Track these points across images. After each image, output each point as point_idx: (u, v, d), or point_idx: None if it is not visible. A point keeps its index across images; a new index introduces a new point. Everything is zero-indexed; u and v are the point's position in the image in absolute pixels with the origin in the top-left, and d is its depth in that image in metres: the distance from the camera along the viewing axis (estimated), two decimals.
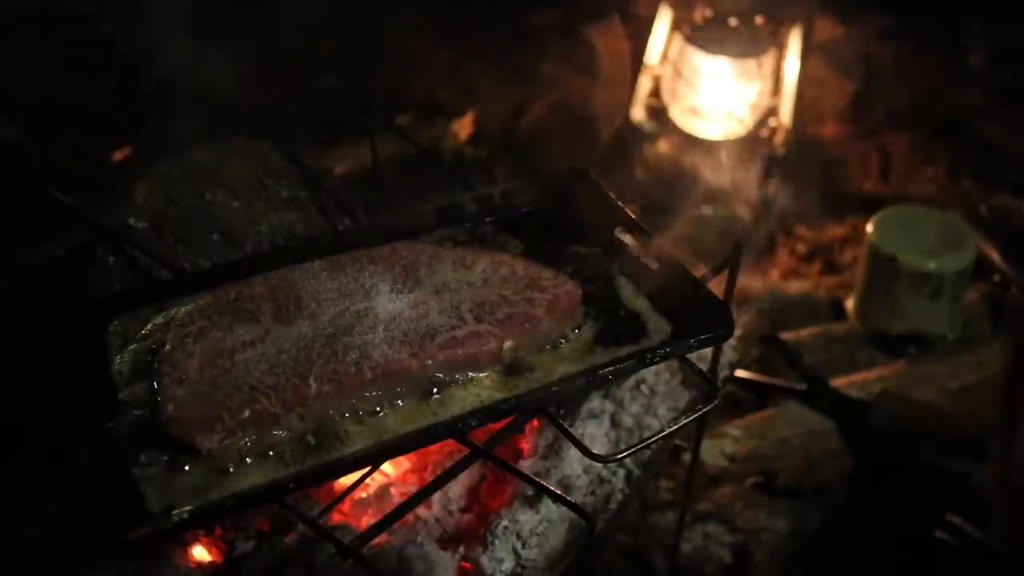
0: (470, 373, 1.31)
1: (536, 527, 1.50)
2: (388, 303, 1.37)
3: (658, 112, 3.08)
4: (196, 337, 1.32)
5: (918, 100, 3.47)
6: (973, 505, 2.25)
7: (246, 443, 1.21)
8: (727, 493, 2.37)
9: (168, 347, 1.31)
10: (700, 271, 1.46)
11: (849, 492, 2.38)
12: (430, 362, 1.29)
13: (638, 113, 3.07)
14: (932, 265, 2.66)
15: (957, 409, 2.48)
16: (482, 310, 1.36)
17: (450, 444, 1.44)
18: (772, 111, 3.03)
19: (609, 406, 1.71)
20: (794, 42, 2.96)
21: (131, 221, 1.68)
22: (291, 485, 1.18)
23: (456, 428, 1.24)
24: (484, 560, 1.48)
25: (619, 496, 1.61)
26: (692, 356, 1.40)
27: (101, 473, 1.20)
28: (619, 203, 1.55)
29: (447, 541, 1.53)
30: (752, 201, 3.13)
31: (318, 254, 1.49)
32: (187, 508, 1.13)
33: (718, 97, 2.99)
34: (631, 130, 3.08)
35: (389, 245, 1.48)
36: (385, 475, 1.59)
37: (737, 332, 1.82)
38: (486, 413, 1.26)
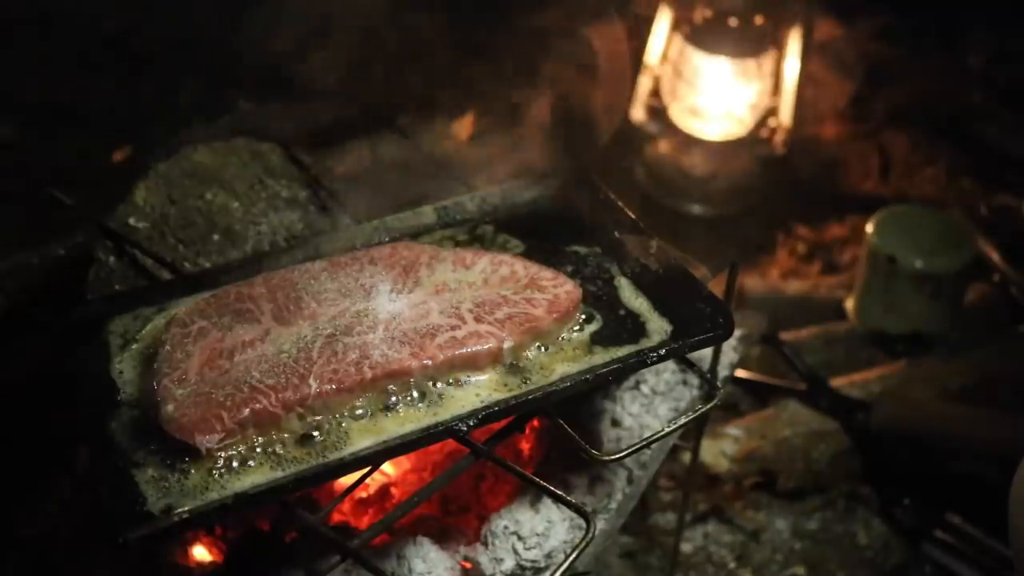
0: (470, 373, 1.31)
1: (536, 527, 1.49)
2: (388, 303, 1.37)
3: (658, 112, 3.07)
4: (196, 337, 1.32)
5: (918, 100, 3.47)
6: (973, 505, 2.26)
7: (246, 443, 1.21)
8: (727, 493, 2.37)
9: (168, 347, 1.31)
10: (700, 271, 1.46)
11: (849, 492, 2.38)
12: (430, 362, 1.29)
13: (638, 113, 3.06)
14: (932, 265, 2.66)
15: (957, 409, 2.47)
16: (482, 310, 1.36)
17: (450, 444, 1.44)
18: (772, 111, 3.02)
19: (609, 406, 1.71)
20: (794, 42, 2.96)
21: (131, 221, 1.68)
22: (291, 485, 1.18)
23: (456, 428, 1.24)
24: (484, 560, 1.47)
25: (619, 496, 1.61)
26: (692, 356, 1.40)
27: (101, 473, 1.20)
28: (619, 203, 1.55)
29: (447, 541, 1.53)
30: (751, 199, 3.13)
31: (318, 254, 1.49)
32: (187, 508, 1.13)
33: (718, 97, 2.99)
34: (631, 130, 3.08)
35: (389, 245, 1.49)
36: (385, 475, 1.59)
37: (737, 332, 1.81)
38: (486, 413, 1.26)
